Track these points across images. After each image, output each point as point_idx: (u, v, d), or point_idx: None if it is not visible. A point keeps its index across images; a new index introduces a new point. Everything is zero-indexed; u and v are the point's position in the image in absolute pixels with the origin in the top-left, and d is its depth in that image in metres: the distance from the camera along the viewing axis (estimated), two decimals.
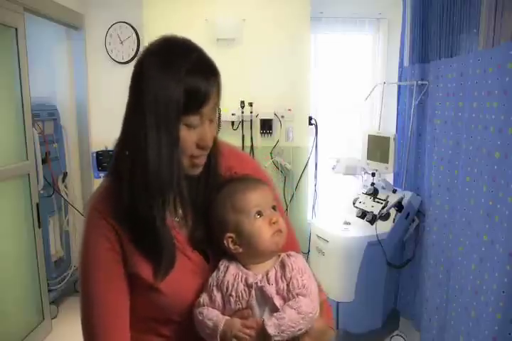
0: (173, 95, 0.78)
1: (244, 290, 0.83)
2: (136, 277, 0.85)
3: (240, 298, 0.82)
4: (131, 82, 0.85)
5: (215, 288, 0.84)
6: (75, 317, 0.91)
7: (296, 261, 0.86)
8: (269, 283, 0.83)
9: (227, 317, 0.82)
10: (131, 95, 0.84)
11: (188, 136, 0.82)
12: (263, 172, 1.03)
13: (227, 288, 0.83)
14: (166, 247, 0.84)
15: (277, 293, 0.82)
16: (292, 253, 0.88)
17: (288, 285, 0.82)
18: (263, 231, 0.86)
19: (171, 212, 0.88)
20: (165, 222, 0.84)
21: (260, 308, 0.83)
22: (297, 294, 0.82)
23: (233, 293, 0.83)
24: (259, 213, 0.86)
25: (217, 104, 0.85)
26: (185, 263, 0.87)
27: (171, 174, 0.81)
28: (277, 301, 0.82)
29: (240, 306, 0.82)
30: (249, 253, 0.86)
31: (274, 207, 0.88)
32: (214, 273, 0.86)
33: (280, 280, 0.83)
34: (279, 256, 0.88)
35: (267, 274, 0.84)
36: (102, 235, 0.84)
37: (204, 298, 0.85)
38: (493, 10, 1.90)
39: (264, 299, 0.82)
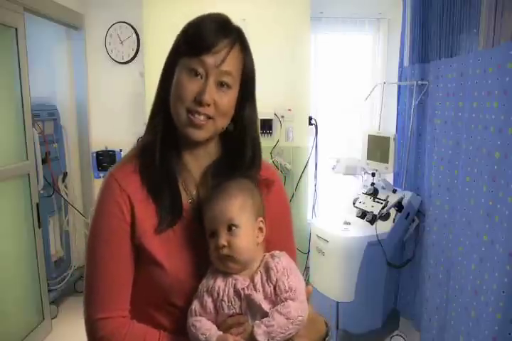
0: (182, 34, 0.89)
1: (235, 295, 0.82)
2: (141, 247, 0.86)
3: (233, 302, 0.82)
4: None
5: (205, 294, 0.84)
6: (75, 317, 0.92)
7: (279, 262, 0.84)
8: (255, 290, 0.82)
9: (220, 333, 0.81)
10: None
11: (188, 84, 0.85)
12: (279, 180, 1.03)
13: (218, 294, 0.83)
14: (171, 192, 0.88)
15: (265, 298, 0.82)
16: (276, 253, 0.87)
17: (275, 288, 0.81)
18: (212, 253, 0.85)
19: (185, 191, 0.92)
20: (174, 176, 0.90)
21: (251, 313, 0.82)
22: (285, 298, 0.81)
23: (225, 298, 0.82)
24: (212, 235, 0.85)
25: (235, 74, 0.88)
26: (191, 245, 0.89)
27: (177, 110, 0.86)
28: (266, 306, 0.81)
29: (234, 311, 0.82)
30: None
31: (231, 226, 0.83)
32: (204, 280, 0.86)
33: (266, 285, 0.82)
34: (264, 256, 0.87)
35: (253, 280, 0.83)
36: (116, 203, 0.86)
37: (195, 304, 0.85)
38: (493, 10, 1.90)
39: (253, 306, 0.82)
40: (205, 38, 0.84)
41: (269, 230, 0.89)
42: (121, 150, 3.01)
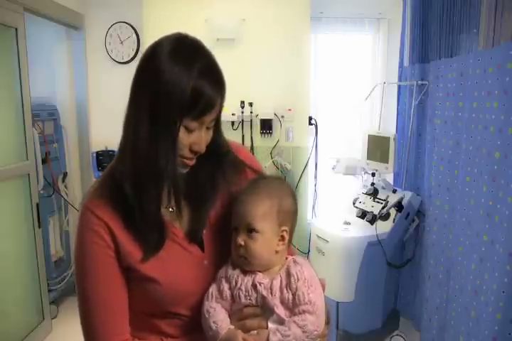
0: (180, 92, 0.77)
1: (252, 287, 0.83)
2: (131, 269, 0.86)
3: (250, 293, 0.83)
4: (137, 73, 0.83)
5: (223, 280, 0.85)
6: (75, 317, 0.91)
7: (301, 271, 0.84)
8: (271, 293, 0.82)
9: (231, 326, 0.82)
10: (135, 86, 0.83)
11: (185, 138, 0.82)
12: (254, 159, 1.05)
13: (236, 282, 0.84)
14: (153, 224, 0.85)
15: (282, 303, 0.81)
16: (299, 259, 0.87)
17: (294, 296, 0.81)
18: (232, 249, 0.86)
19: (164, 202, 0.89)
20: (156, 205, 0.86)
21: (264, 312, 0.82)
22: (303, 310, 0.80)
23: (242, 288, 0.83)
24: (235, 229, 0.86)
25: (218, 114, 0.86)
26: (181, 254, 0.89)
27: (166, 169, 0.81)
28: (281, 311, 0.81)
29: (250, 301, 0.83)
30: None
31: (251, 229, 0.84)
32: (224, 266, 0.87)
33: (285, 290, 0.82)
34: (286, 258, 0.87)
35: (272, 282, 0.83)
36: (95, 232, 0.85)
37: (213, 288, 0.86)
38: (493, 10, 1.90)
39: (267, 308, 0.82)
40: (208, 100, 0.80)
41: None
42: None
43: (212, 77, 0.81)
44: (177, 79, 0.77)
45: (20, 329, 2.52)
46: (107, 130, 3.27)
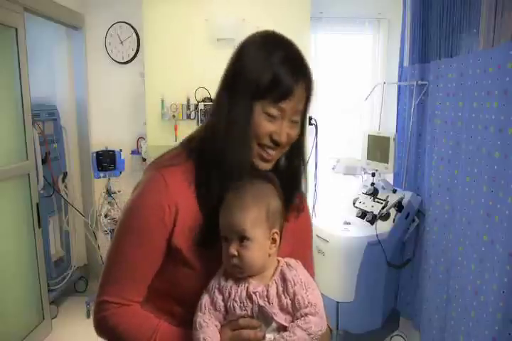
0: (257, 74, 0.83)
1: (247, 298, 0.81)
2: (176, 250, 0.86)
3: (245, 304, 0.81)
4: (230, 60, 0.90)
5: (217, 291, 0.83)
6: (75, 317, 0.92)
7: (297, 274, 0.83)
8: (269, 302, 0.80)
9: None
10: (225, 71, 0.90)
11: (265, 125, 0.85)
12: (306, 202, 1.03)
13: (229, 293, 0.82)
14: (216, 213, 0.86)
15: (281, 309, 0.80)
16: (292, 262, 0.86)
17: (293, 301, 0.80)
18: (224, 258, 0.84)
19: None
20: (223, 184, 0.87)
21: (264, 321, 0.81)
22: (306, 313, 0.80)
23: (237, 299, 0.81)
24: (225, 239, 0.83)
25: (302, 109, 0.88)
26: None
27: (240, 151, 0.85)
28: (281, 317, 0.80)
29: (246, 312, 0.81)
30: None
31: (242, 238, 0.81)
32: (216, 275, 0.85)
33: (283, 296, 0.81)
34: (279, 262, 0.86)
35: (267, 289, 0.81)
36: (159, 204, 0.85)
37: (206, 299, 0.84)
38: (493, 10, 1.90)
39: (267, 317, 0.81)
40: (285, 86, 0.84)
41: (291, 245, 0.92)
42: (121, 150, 3.00)
43: (293, 65, 0.85)
44: (257, 63, 0.84)
45: (20, 329, 2.52)
46: (107, 130, 3.29)
